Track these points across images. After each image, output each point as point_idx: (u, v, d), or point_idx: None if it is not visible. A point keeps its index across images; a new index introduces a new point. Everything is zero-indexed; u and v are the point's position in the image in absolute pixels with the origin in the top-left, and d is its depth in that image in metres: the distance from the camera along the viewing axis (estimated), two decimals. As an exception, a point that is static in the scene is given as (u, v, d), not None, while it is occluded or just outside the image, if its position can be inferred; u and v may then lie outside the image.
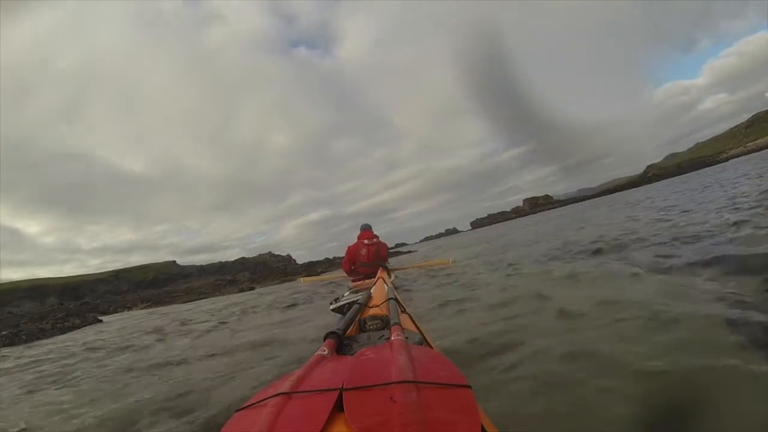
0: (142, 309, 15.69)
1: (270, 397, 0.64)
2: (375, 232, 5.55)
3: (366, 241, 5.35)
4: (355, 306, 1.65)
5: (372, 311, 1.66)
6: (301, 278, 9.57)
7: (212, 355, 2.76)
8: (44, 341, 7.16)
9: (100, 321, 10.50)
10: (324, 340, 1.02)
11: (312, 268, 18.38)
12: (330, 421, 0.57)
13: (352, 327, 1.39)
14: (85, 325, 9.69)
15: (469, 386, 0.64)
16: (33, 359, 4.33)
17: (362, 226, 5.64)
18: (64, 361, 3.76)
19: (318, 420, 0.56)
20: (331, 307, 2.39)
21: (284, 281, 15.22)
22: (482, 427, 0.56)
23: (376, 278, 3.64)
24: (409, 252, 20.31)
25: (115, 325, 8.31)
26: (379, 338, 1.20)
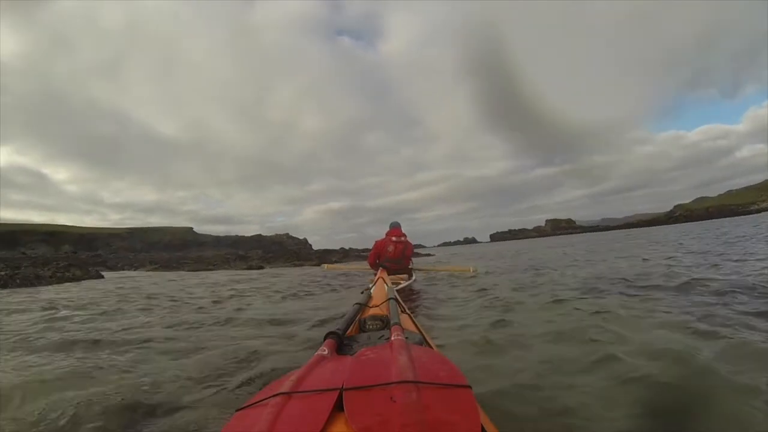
0: (149, 271, 15.91)
1: (270, 396, 0.64)
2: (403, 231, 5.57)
3: (394, 239, 5.40)
4: (355, 306, 1.65)
5: (372, 311, 1.66)
6: (325, 264, 9.67)
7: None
8: (37, 288, 6.88)
9: (102, 277, 10.16)
10: (324, 340, 1.02)
11: (326, 256, 18.31)
12: (330, 421, 0.58)
13: (352, 327, 1.39)
14: (84, 279, 9.36)
15: (469, 386, 0.64)
16: None
17: (392, 223, 5.65)
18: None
19: (318, 420, 0.57)
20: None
21: (296, 265, 14.52)
22: (482, 427, 0.56)
23: (376, 278, 3.65)
24: (428, 255, 19.82)
25: (111, 283, 7.87)
26: (379, 338, 1.20)
